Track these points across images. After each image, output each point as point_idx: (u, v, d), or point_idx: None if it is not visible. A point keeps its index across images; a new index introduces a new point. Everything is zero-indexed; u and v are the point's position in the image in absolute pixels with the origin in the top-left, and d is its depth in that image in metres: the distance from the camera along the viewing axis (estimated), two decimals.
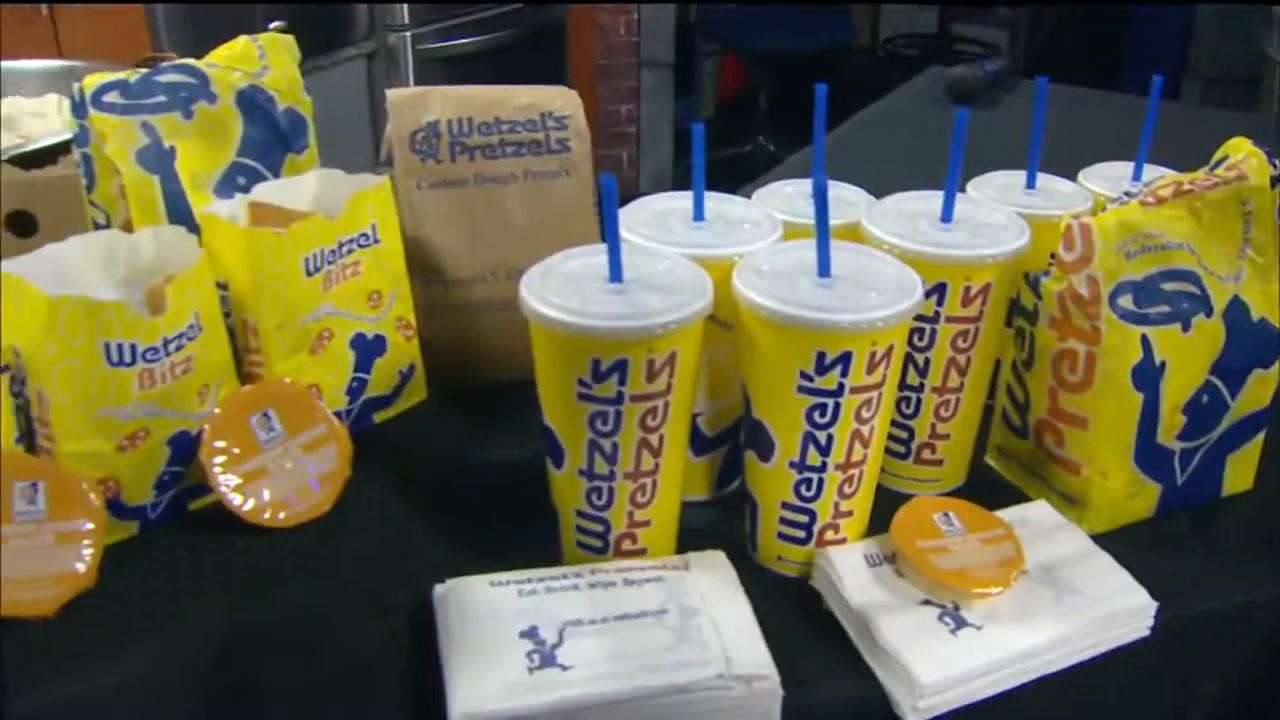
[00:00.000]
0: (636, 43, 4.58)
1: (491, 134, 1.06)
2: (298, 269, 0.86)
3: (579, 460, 0.82)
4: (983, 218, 0.93)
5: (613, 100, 4.62)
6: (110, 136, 0.98)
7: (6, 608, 0.76)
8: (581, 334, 0.77)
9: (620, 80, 4.62)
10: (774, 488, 0.85)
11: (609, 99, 4.63)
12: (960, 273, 0.87)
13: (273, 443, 0.85)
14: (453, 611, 0.81)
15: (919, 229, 0.90)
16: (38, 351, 0.77)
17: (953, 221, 0.91)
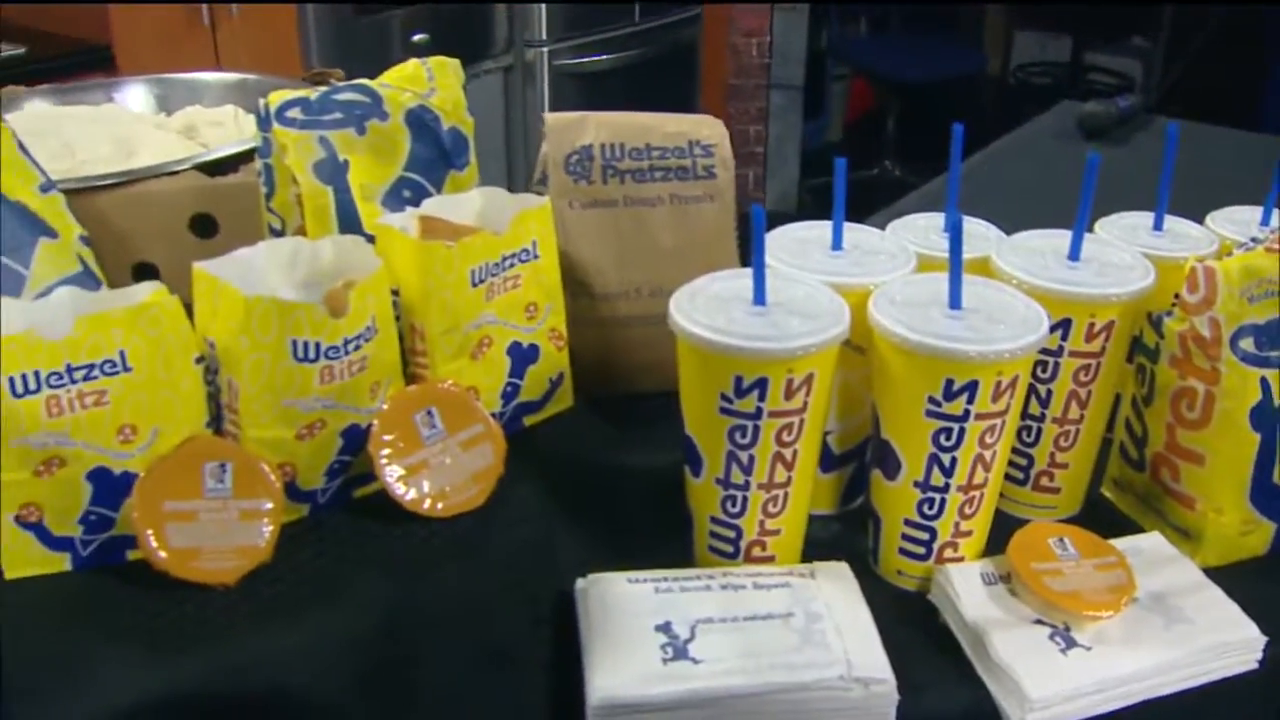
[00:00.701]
0: (768, 65, 4.63)
1: (642, 159, 1.12)
2: (464, 280, 0.93)
3: (717, 470, 0.88)
4: (1109, 257, 0.97)
5: (742, 120, 4.68)
6: (290, 149, 1.06)
7: (195, 574, 0.84)
8: (726, 352, 0.82)
9: (750, 101, 4.68)
10: (898, 505, 0.90)
11: (738, 119, 4.69)
12: (1085, 309, 0.91)
13: (434, 439, 0.92)
14: (593, 604, 0.87)
15: (1047, 266, 0.94)
16: (232, 345, 0.85)
17: (1080, 260, 0.95)
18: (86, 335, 0.81)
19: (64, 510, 0.85)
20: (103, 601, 0.85)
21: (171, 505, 0.84)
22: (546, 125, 1.13)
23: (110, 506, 0.86)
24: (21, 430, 0.81)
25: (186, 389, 0.86)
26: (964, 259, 0.87)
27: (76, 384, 0.82)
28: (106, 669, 0.80)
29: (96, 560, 0.88)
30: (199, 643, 0.81)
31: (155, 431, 0.85)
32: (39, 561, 0.87)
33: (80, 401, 0.82)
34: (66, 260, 1.06)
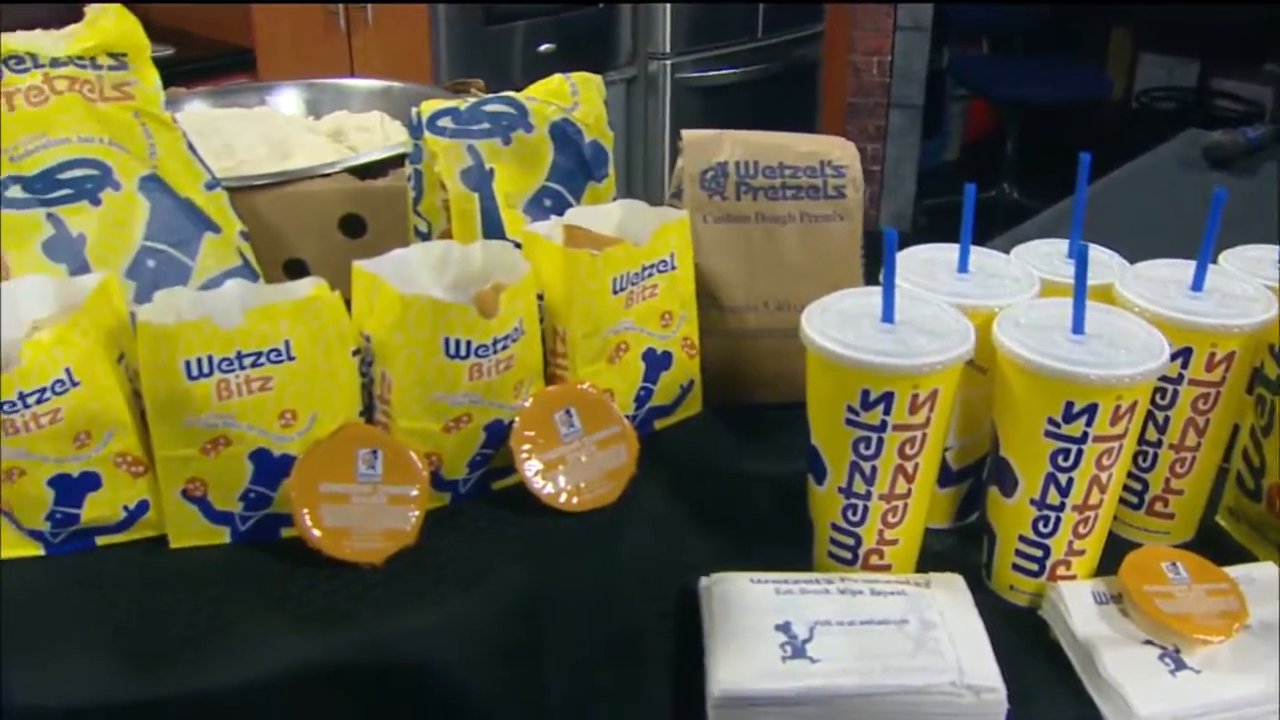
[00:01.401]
0: (888, 83, 4.64)
1: (775, 177, 1.16)
2: (606, 287, 0.98)
3: (840, 479, 0.92)
4: (1232, 289, 0.98)
5: (860, 139, 4.70)
6: (440, 156, 1.12)
7: (346, 553, 0.89)
8: (855, 366, 0.86)
9: (869, 119, 4.69)
10: (1014, 522, 0.93)
11: (856, 137, 4.70)
12: (1206, 339, 0.93)
13: (572, 437, 0.97)
14: (716, 601, 0.91)
15: (1170, 295, 0.96)
16: (387, 340, 0.91)
17: (1203, 290, 0.97)
18: (256, 325, 0.87)
19: (227, 487, 0.92)
20: (257, 574, 0.91)
21: (326, 487, 0.90)
22: (684, 141, 1.18)
23: (269, 485, 0.92)
24: (193, 410, 0.88)
25: (343, 379, 0.92)
26: (1087, 285, 0.90)
27: (245, 370, 0.88)
28: (260, 637, 0.85)
29: (253, 536, 0.94)
30: (347, 618, 0.86)
31: (313, 417, 0.91)
32: (201, 533, 0.93)
33: (247, 386, 0.88)
34: (228, 254, 1.12)
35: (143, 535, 0.94)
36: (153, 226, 1.08)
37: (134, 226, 1.07)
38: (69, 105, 1.07)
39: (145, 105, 1.11)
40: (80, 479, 0.90)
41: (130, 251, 1.07)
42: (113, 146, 1.08)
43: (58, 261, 1.03)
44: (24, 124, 1.05)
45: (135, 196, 1.08)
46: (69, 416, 0.86)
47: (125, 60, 1.11)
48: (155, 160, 1.11)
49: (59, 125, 1.06)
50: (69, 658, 0.84)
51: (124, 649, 0.84)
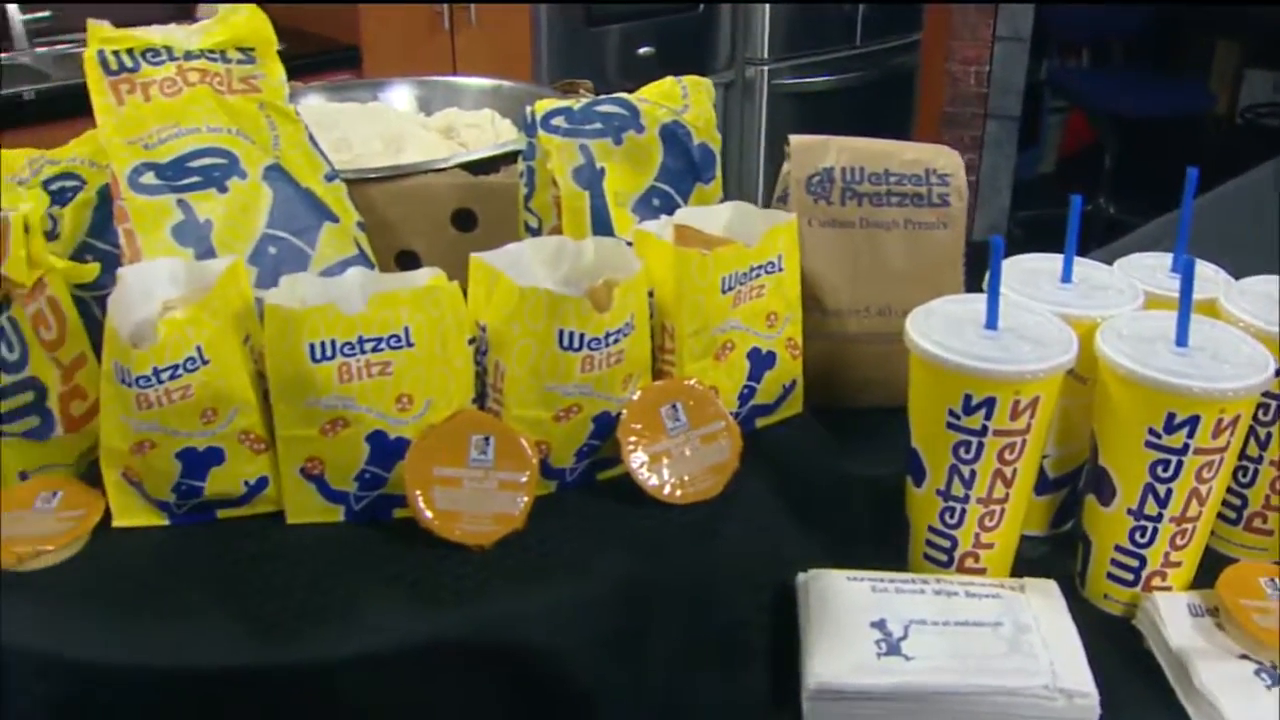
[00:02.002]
0: (985, 94, 4.62)
1: (880, 184, 1.18)
2: (716, 286, 1.00)
3: (939, 481, 0.94)
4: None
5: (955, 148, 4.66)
6: (553, 154, 1.15)
7: (456, 535, 0.92)
8: (959, 370, 0.88)
9: (965, 129, 4.67)
10: (1110, 531, 0.94)
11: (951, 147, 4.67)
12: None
13: (677, 431, 1.00)
14: (813, 596, 0.93)
15: (1275, 311, 0.97)
16: (503, 330, 0.94)
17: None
18: (377, 311, 0.91)
19: (343, 467, 0.95)
20: (370, 552, 0.95)
21: (439, 471, 0.93)
22: (791, 146, 1.20)
23: (383, 467, 0.95)
24: (315, 392, 0.91)
25: (459, 366, 0.95)
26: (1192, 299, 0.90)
27: (365, 354, 0.91)
28: (372, 613, 0.88)
29: (366, 515, 0.97)
30: (456, 597, 0.89)
31: (428, 403, 0.94)
32: (317, 510, 0.97)
33: (367, 370, 0.92)
34: (345, 243, 1.16)
35: (261, 510, 0.98)
36: (275, 215, 1.12)
37: (258, 214, 1.11)
38: (200, 97, 1.11)
39: (270, 98, 1.15)
40: (205, 453, 0.93)
41: (253, 238, 1.10)
42: (239, 137, 1.12)
43: (185, 245, 1.07)
44: (158, 114, 1.09)
45: (260, 185, 1.11)
46: (198, 393, 0.90)
47: (253, 55, 1.15)
48: (278, 151, 1.14)
49: (190, 115, 1.10)
50: (192, 624, 0.88)
51: (243, 618, 0.88)
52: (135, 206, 1.06)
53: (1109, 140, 4.89)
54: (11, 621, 0.88)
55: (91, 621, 0.89)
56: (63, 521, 0.94)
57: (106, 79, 1.08)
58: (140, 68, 1.10)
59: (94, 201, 1.12)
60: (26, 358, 0.97)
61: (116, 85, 1.09)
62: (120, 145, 1.07)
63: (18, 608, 0.89)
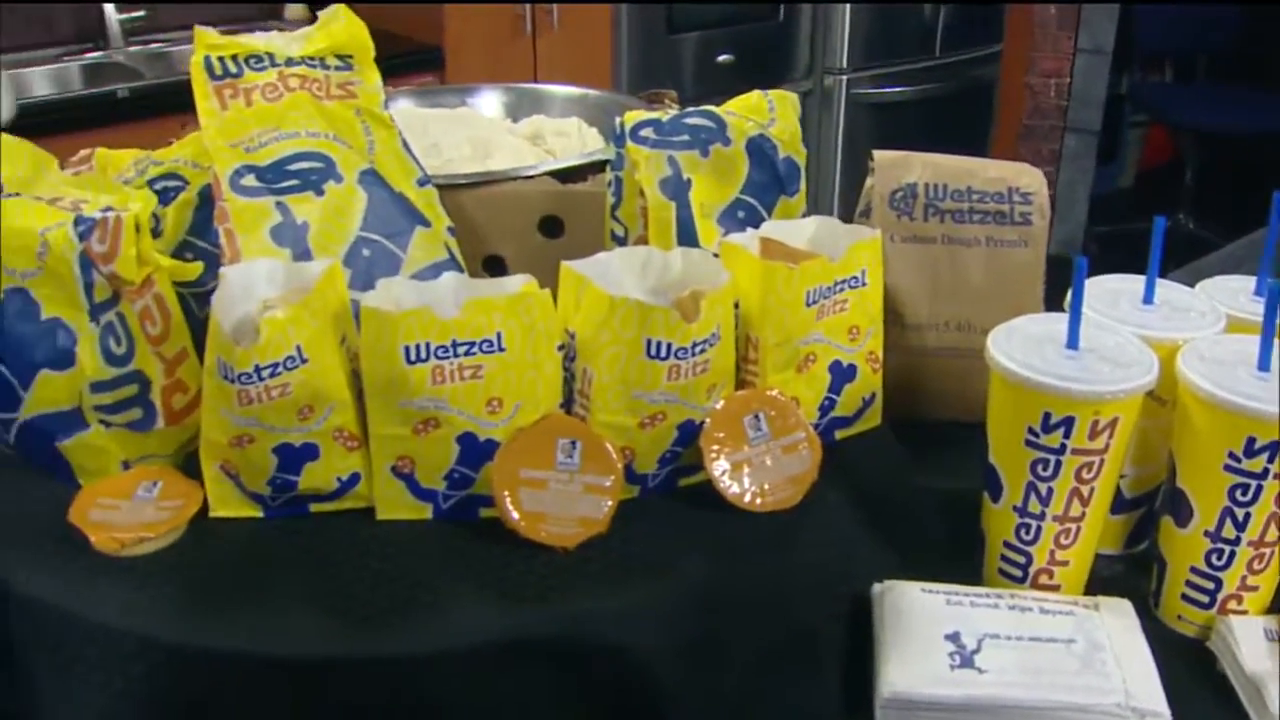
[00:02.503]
0: (1065, 107, 4.59)
1: (962, 201, 1.18)
2: (801, 299, 1.02)
3: (1015, 498, 0.95)
4: None
5: (1032, 162, 4.59)
6: (642, 165, 1.17)
7: (542, 536, 0.95)
8: (1039, 389, 0.89)
9: (1043, 143, 4.64)
10: (1186, 553, 0.95)
11: (1029, 160, 4.63)
12: None
13: (759, 440, 1.01)
14: (888, 607, 0.95)
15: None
16: (592, 337, 0.96)
17: None
18: (471, 317, 0.93)
19: (433, 466, 0.98)
20: (457, 550, 0.97)
21: (526, 473, 0.96)
22: (875, 161, 1.21)
23: (472, 467, 0.98)
24: (408, 393, 0.94)
25: (548, 372, 0.98)
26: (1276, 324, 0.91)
27: (458, 358, 0.94)
28: (457, 609, 0.91)
29: (453, 514, 1.00)
30: (540, 597, 0.92)
31: (517, 406, 0.97)
32: (406, 508, 1.00)
33: (460, 373, 0.94)
34: (436, 248, 1.19)
35: (352, 506, 1.01)
36: (369, 218, 1.15)
37: (352, 217, 1.14)
38: (299, 102, 1.15)
39: (367, 104, 1.18)
40: (301, 449, 0.97)
41: (348, 240, 1.14)
42: (336, 142, 1.16)
43: (282, 246, 1.11)
44: (259, 118, 1.13)
45: (355, 189, 1.15)
46: (296, 391, 0.94)
47: (351, 61, 1.19)
48: (373, 155, 1.18)
49: (290, 120, 1.14)
50: (283, 613, 0.91)
51: (332, 610, 0.91)
52: (236, 208, 1.09)
53: (1190, 155, 4.84)
54: (112, 604, 0.92)
55: (187, 608, 0.92)
56: (162, 510, 0.98)
57: (211, 83, 1.12)
58: (243, 73, 1.13)
59: (195, 202, 1.15)
60: (133, 352, 1.00)
61: (220, 90, 1.12)
62: (223, 148, 1.11)
63: (118, 591, 0.93)
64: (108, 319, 0.98)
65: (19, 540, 0.98)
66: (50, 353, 0.98)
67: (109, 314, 0.99)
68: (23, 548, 0.97)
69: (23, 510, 1.02)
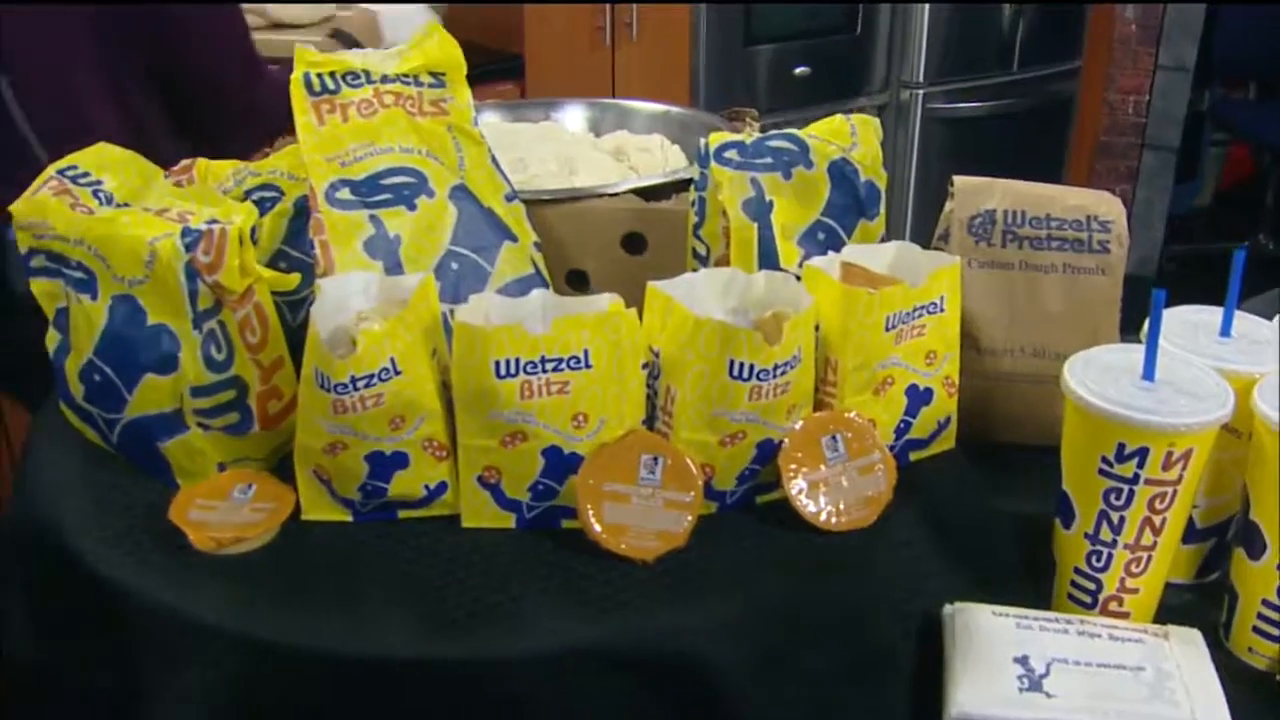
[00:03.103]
0: (1143, 124, 4.55)
1: (1041, 228, 1.20)
2: (880, 324, 1.04)
3: (1087, 525, 0.96)
4: None
5: (1108, 179, 4.62)
6: (725, 186, 1.20)
7: (623, 549, 0.98)
8: (1114, 420, 0.90)
9: (1120, 159, 4.61)
10: (1259, 585, 0.96)
11: (1104, 176, 4.63)
12: None
13: (836, 461, 1.04)
14: (959, 629, 0.97)
15: None
16: (677, 357, 0.99)
17: None
18: (561, 334, 0.96)
19: (519, 477, 1.01)
20: (540, 559, 1.00)
21: (610, 487, 0.99)
22: (955, 186, 1.23)
23: (556, 480, 1.01)
24: (498, 406, 0.97)
25: (632, 389, 1.01)
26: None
27: (547, 373, 0.97)
28: (539, 617, 0.94)
29: (536, 524, 1.03)
30: (621, 607, 0.95)
31: (602, 421, 1.00)
32: (491, 517, 1.03)
33: (547, 389, 0.97)
34: (523, 262, 1.22)
35: (438, 513, 1.05)
36: (458, 233, 1.19)
37: (442, 231, 1.18)
38: (394, 118, 1.18)
39: (458, 120, 1.22)
40: (392, 457, 1.00)
41: (438, 254, 1.17)
42: (429, 157, 1.19)
43: (375, 258, 1.14)
44: (355, 133, 1.17)
45: (446, 204, 1.18)
46: (389, 401, 0.97)
47: (444, 79, 1.22)
48: (463, 171, 1.21)
49: (384, 135, 1.18)
50: (369, 615, 0.95)
51: (417, 614, 0.95)
52: (331, 220, 1.13)
53: (1272, 174, 4.78)
54: (210, 602, 0.96)
55: (279, 606, 0.96)
56: (256, 512, 1.02)
57: (309, 99, 1.16)
58: (340, 89, 1.17)
59: (290, 212, 1.20)
60: (232, 359, 1.04)
61: (318, 105, 1.16)
62: (319, 162, 1.15)
63: (215, 589, 0.97)
64: (210, 326, 1.03)
65: (123, 537, 1.02)
66: (155, 357, 1.02)
67: (211, 322, 1.03)
68: (128, 544, 1.01)
69: (127, 507, 1.06)
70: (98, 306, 1.03)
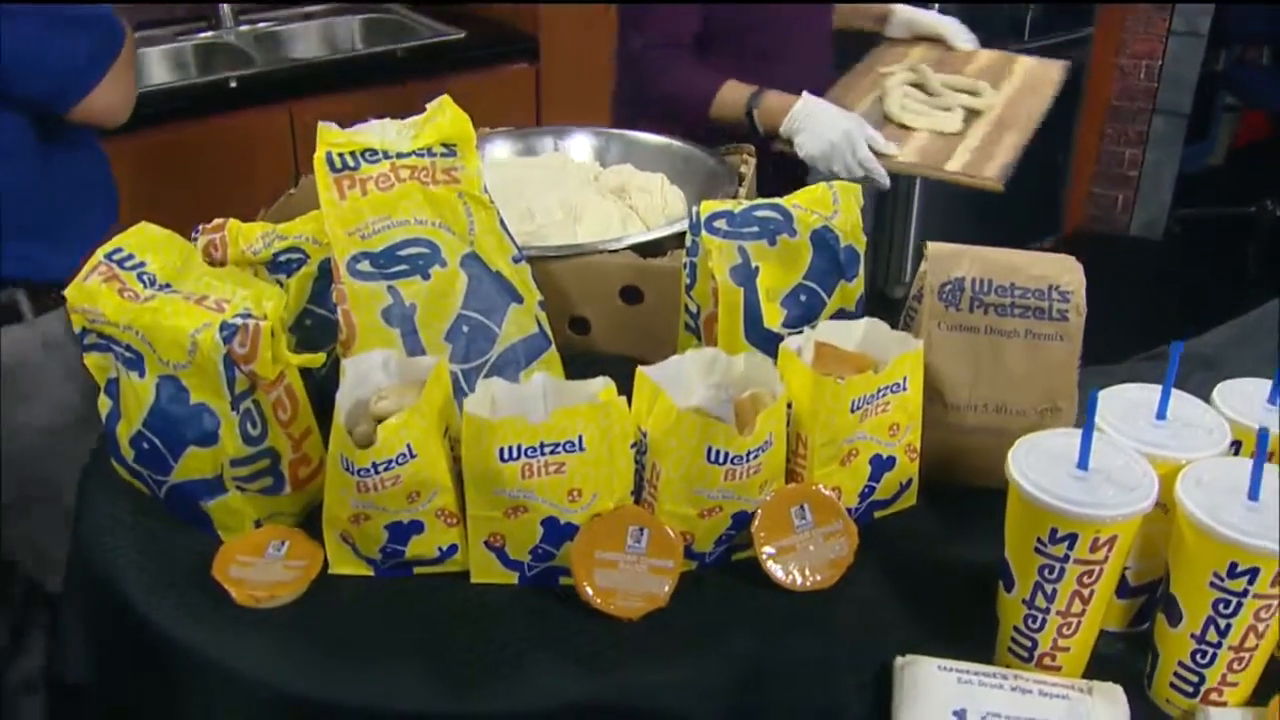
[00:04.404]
0: (1155, 89, 4.60)
1: (1006, 296, 1.29)
2: (846, 407, 1.15)
3: (1025, 592, 1.08)
4: None
5: (1118, 142, 4.68)
6: (714, 253, 1.31)
7: (612, 609, 1.10)
8: (1048, 509, 1.01)
9: (1130, 124, 4.66)
10: (1176, 648, 1.07)
11: (1114, 140, 4.69)
12: None
13: (803, 529, 1.16)
14: (907, 681, 1.08)
15: None
16: (661, 441, 1.11)
17: None
18: (558, 422, 1.08)
19: (521, 543, 1.14)
20: (539, 615, 1.14)
21: (600, 554, 1.11)
22: (929, 252, 1.32)
23: (554, 545, 1.14)
24: (502, 485, 1.09)
25: (621, 467, 1.13)
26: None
27: (545, 456, 1.09)
28: (541, 672, 1.07)
29: (537, 581, 1.16)
30: (611, 664, 1.08)
31: (595, 496, 1.12)
32: (496, 574, 1.16)
33: (545, 469, 1.09)
34: (528, 322, 1.34)
35: (450, 569, 1.17)
36: (469, 298, 1.30)
37: (454, 298, 1.29)
38: (409, 192, 1.29)
39: (468, 188, 1.32)
40: (409, 525, 1.13)
41: (450, 319, 1.29)
42: (441, 229, 1.30)
43: (392, 326, 1.26)
44: (374, 207, 1.27)
45: (458, 272, 1.29)
46: (406, 481, 1.09)
47: (455, 149, 1.32)
48: (473, 236, 1.32)
49: (401, 209, 1.28)
50: (390, 669, 1.08)
51: (435, 669, 1.08)
52: (352, 290, 1.25)
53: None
54: (248, 656, 1.09)
55: (309, 662, 1.09)
56: (290, 570, 1.15)
57: (331, 176, 1.26)
58: (360, 166, 1.27)
59: (315, 274, 1.31)
60: (266, 433, 1.17)
61: (340, 181, 1.26)
62: (341, 236, 1.26)
63: (253, 642, 1.10)
64: (246, 406, 1.15)
65: (171, 590, 1.16)
66: (197, 433, 1.14)
67: (247, 402, 1.15)
68: (175, 597, 1.15)
69: (174, 559, 1.19)
70: (145, 384, 1.15)
